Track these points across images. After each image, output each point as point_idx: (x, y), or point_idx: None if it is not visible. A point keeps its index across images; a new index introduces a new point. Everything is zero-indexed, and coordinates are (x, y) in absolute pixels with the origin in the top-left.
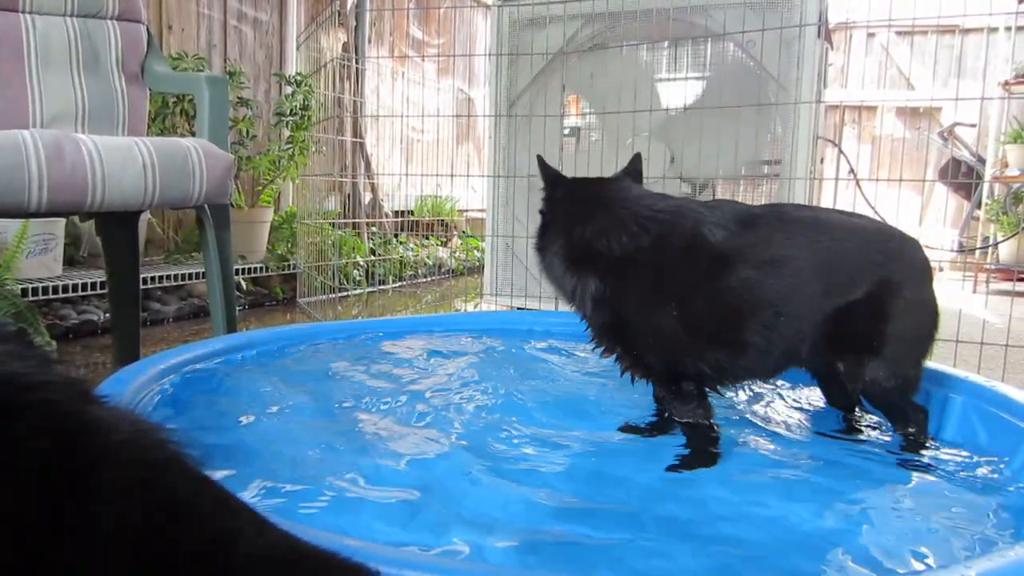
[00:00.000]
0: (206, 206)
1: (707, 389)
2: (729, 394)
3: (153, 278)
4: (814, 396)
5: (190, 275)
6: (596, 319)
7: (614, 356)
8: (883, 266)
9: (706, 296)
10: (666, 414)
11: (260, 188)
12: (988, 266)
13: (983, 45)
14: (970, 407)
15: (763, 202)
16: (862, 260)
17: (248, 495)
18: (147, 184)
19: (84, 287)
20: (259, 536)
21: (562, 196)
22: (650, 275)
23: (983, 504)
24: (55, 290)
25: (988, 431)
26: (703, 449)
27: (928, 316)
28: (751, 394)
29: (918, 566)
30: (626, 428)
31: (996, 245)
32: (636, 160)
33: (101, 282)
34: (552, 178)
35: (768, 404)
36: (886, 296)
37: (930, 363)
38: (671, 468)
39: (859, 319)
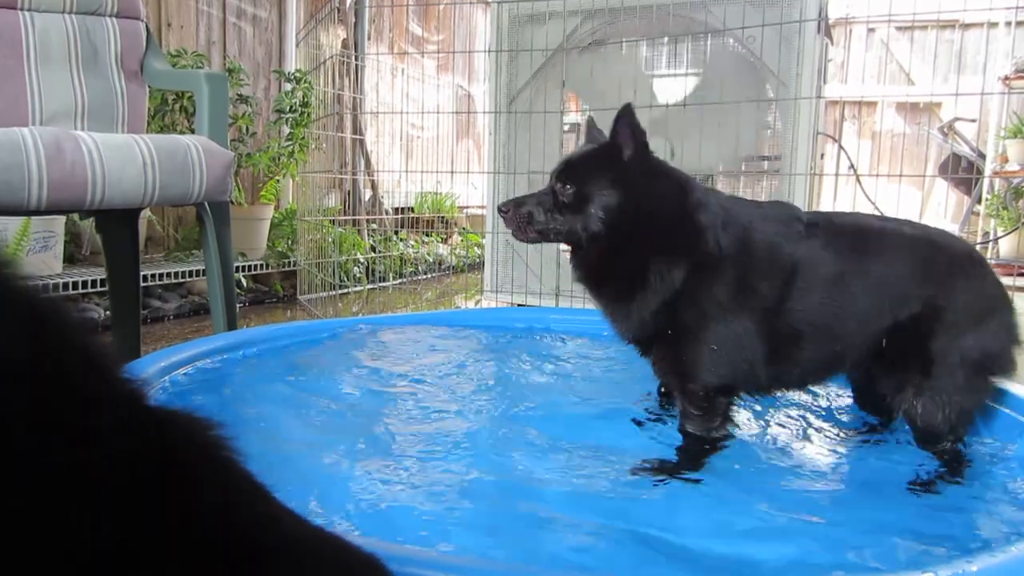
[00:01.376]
0: (206, 203)
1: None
2: None
3: (153, 275)
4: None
5: (190, 272)
6: (659, 315)
7: (650, 357)
8: (934, 283)
9: (780, 307)
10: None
11: (261, 185)
12: (988, 261)
13: (983, 40)
14: None
15: (763, 198)
16: (908, 275)
17: None
18: (147, 182)
19: (84, 285)
20: (293, 522)
21: (647, 171)
22: (739, 278)
23: (983, 499)
24: (55, 288)
25: (993, 428)
26: (699, 459)
27: (989, 340)
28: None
29: (918, 560)
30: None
31: (996, 240)
32: (594, 124)
33: (101, 279)
34: (640, 142)
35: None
36: (932, 313)
37: None
38: (639, 469)
39: (903, 338)
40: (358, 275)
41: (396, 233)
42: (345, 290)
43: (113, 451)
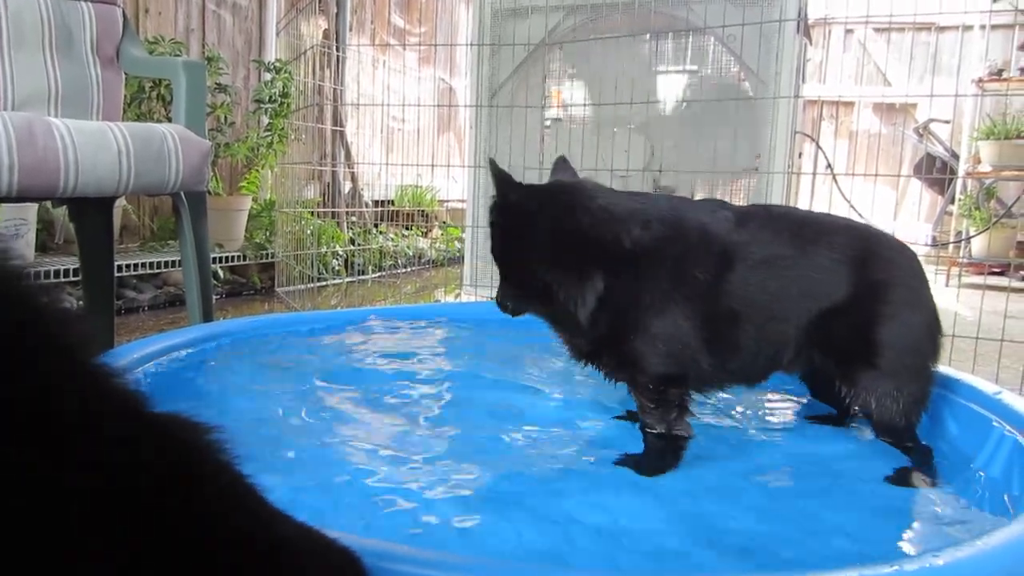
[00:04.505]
0: (182, 193)
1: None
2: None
3: (128, 265)
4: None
5: (166, 263)
6: (593, 320)
7: (598, 359)
8: (867, 266)
9: (713, 296)
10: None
11: (240, 176)
12: (961, 260)
13: (958, 43)
14: (940, 399)
15: (743, 195)
16: (845, 260)
17: None
18: (121, 170)
19: (57, 274)
20: (283, 522)
21: (523, 198)
22: (660, 272)
23: (952, 494)
24: (34, 275)
25: (958, 423)
26: (665, 459)
27: (922, 322)
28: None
29: (887, 555)
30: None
31: (969, 240)
32: (565, 163)
33: (74, 269)
34: (507, 181)
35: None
36: (871, 299)
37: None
38: (620, 463)
39: (844, 324)
40: (337, 268)
41: (376, 226)
42: (324, 283)
43: (112, 462)
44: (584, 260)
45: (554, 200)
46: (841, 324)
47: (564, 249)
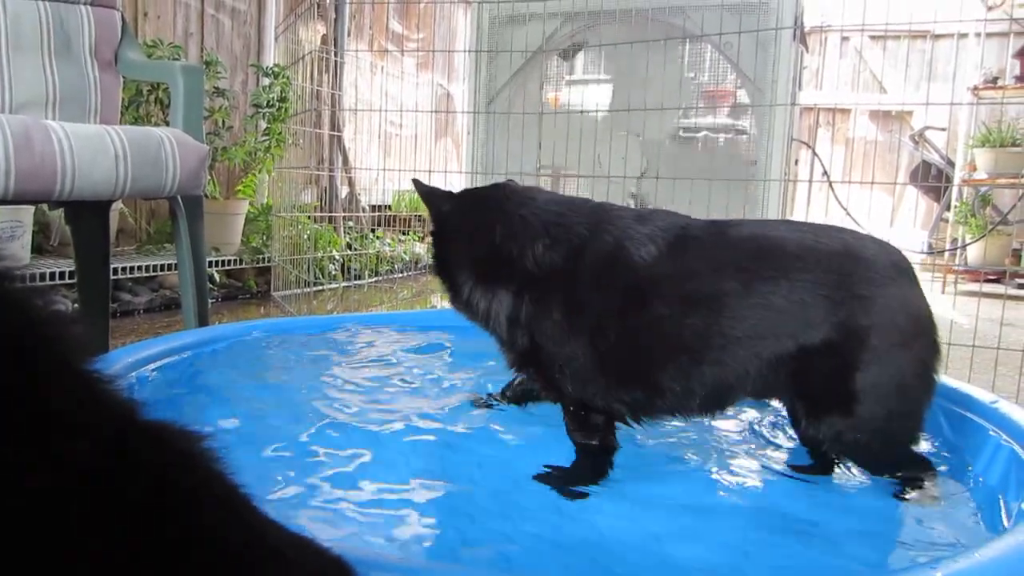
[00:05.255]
0: (179, 197)
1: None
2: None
3: (124, 268)
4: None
5: (162, 266)
6: (510, 341)
7: (527, 374)
8: (844, 305)
9: (621, 328)
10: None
11: (237, 180)
12: (957, 267)
13: (953, 51)
14: (937, 408)
15: (740, 202)
16: (811, 301)
17: None
18: (118, 174)
19: (52, 276)
20: (275, 531)
21: (453, 208)
22: (563, 294)
23: (949, 504)
24: (27, 278)
25: (954, 431)
26: (588, 473)
27: (910, 360)
28: None
29: (884, 569)
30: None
31: (964, 247)
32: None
33: (70, 271)
34: (431, 194)
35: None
36: (850, 342)
37: None
38: (539, 477)
39: (817, 370)
40: (333, 272)
41: (373, 231)
42: (320, 287)
43: (102, 469)
44: (493, 277)
45: (478, 208)
46: (810, 370)
47: (477, 264)
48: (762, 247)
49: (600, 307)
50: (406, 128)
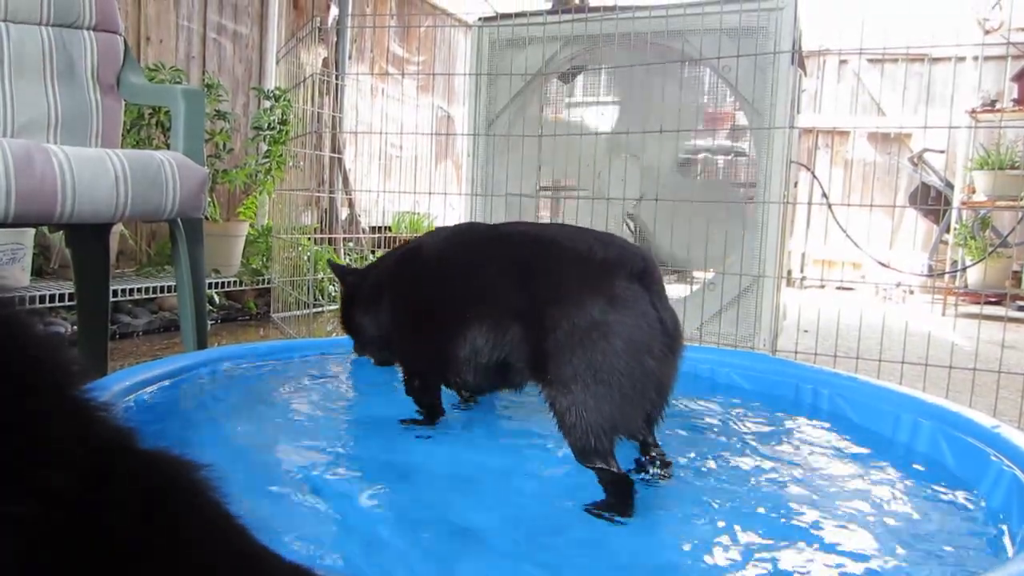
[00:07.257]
0: (179, 220)
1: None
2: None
3: (124, 290)
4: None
5: (162, 288)
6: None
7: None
8: (532, 280)
9: (419, 322)
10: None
11: (237, 202)
12: (957, 289)
13: (951, 74)
14: (938, 432)
15: (739, 224)
16: (509, 278)
17: None
18: (119, 196)
19: (52, 298)
20: (271, 560)
21: (356, 278)
22: (377, 292)
23: (951, 529)
24: (22, 301)
25: (956, 456)
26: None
27: (608, 352)
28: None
29: None
30: None
31: (965, 270)
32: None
33: (70, 294)
34: (341, 268)
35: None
36: (539, 317)
37: (899, 386)
38: (406, 421)
39: (528, 352)
40: (333, 294)
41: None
42: (320, 309)
43: (86, 502)
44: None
45: (368, 271)
46: (523, 347)
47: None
48: (509, 233)
49: (405, 314)
50: (407, 150)
